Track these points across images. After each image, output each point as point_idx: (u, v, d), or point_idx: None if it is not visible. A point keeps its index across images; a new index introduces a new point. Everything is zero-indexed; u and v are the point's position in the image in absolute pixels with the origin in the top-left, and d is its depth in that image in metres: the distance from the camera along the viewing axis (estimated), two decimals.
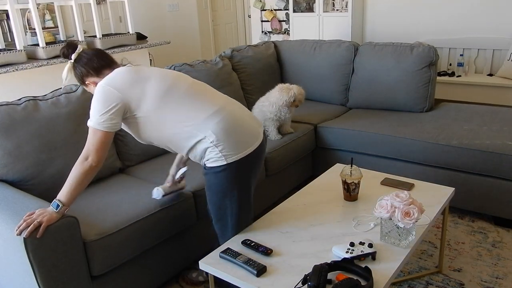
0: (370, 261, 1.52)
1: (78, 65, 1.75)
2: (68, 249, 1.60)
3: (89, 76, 1.75)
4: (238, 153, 1.68)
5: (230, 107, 1.75)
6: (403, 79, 3.10)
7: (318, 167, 3.09)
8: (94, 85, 1.72)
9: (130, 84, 1.66)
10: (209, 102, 1.72)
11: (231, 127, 1.68)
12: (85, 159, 1.62)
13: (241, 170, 1.71)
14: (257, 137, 1.76)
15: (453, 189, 2.02)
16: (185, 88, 1.73)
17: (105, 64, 1.75)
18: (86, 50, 1.78)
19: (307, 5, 4.90)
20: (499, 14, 4.06)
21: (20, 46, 3.40)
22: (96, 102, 1.64)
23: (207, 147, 1.67)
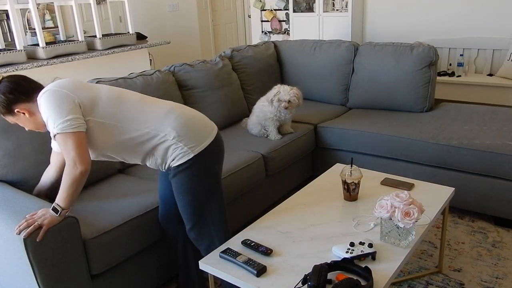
0: (370, 261, 1.52)
1: (1, 94, 1.55)
2: (68, 249, 1.60)
3: (18, 103, 1.57)
4: (201, 143, 1.68)
5: (180, 107, 1.77)
6: (403, 79, 3.10)
7: (318, 167, 3.09)
8: (26, 113, 1.59)
9: (81, 88, 1.61)
10: (161, 104, 1.74)
11: (188, 121, 1.70)
12: (72, 167, 1.53)
13: (208, 159, 1.72)
14: (212, 127, 1.79)
15: (453, 189, 2.01)
16: (137, 95, 1.74)
17: (35, 87, 1.61)
18: (6, 77, 1.59)
19: (307, 5, 4.90)
20: (499, 14, 4.06)
21: (20, 46, 3.40)
22: (51, 107, 1.52)
23: (169, 145, 1.65)
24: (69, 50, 3.70)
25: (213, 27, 6.28)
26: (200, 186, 1.72)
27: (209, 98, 2.88)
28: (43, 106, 1.54)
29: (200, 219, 1.75)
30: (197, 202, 1.73)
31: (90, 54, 3.76)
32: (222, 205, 1.81)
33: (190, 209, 1.74)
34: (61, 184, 1.57)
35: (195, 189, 1.72)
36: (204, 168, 1.71)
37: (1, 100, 1.56)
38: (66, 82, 1.62)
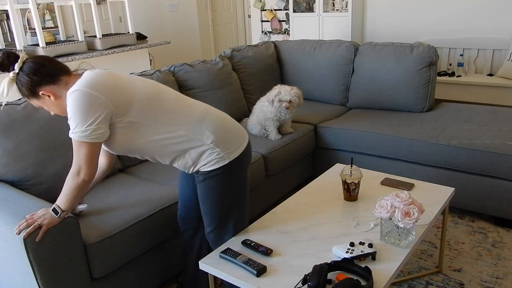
0: (370, 261, 1.52)
1: (25, 76, 1.47)
2: (68, 249, 1.60)
3: (42, 85, 1.49)
4: (236, 149, 1.65)
5: (215, 110, 1.73)
6: (403, 79, 3.10)
7: (318, 167, 3.09)
8: (51, 96, 1.51)
9: (114, 87, 1.49)
10: (198, 105, 1.68)
11: (225, 126, 1.67)
12: (76, 174, 1.50)
13: (240, 166, 1.69)
14: (245, 133, 1.76)
15: (453, 189, 2.01)
16: (173, 94, 1.66)
17: (61, 68, 1.53)
18: (32, 57, 1.51)
19: (307, 5, 4.90)
20: (499, 14, 4.06)
21: (20, 46, 3.40)
22: (77, 110, 1.43)
23: (205, 149, 1.59)
24: (69, 50, 3.70)
25: (213, 27, 6.28)
26: (228, 192, 1.69)
27: (209, 98, 2.88)
28: (70, 106, 1.45)
29: (222, 222, 1.71)
30: (222, 207, 1.69)
31: (90, 54, 3.76)
32: (245, 209, 1.77)
33: (214, 213, 1.70)
34: (63, 186, 1.55)
35: (223, 195, 1.68)
36: (235, 175, 1.67)
37: (24, 82, 1.48)
38: (101, 79, 1.48)
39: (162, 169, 2.36)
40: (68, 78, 1.52)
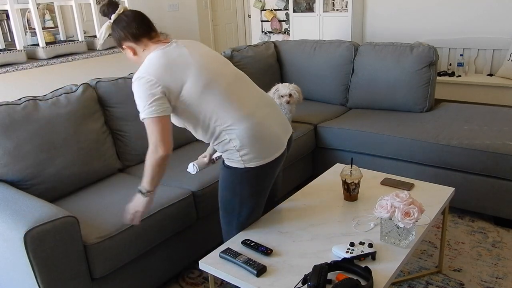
0: (370, 261, 1.52)
1: (116, 27, 1.69)
2: (68, 249, 1.60)
3: (126, 41, 1.70)
4: (258, 161, 1.66)
5: (261, 112, 1.70)
6: (403, 79, 3.10)
7: (318, 167, 3.09)
8: (131, 50, 1.71)
9: (165, 71, 1.60)
10: (241, 105, 1.67)
11: (257, 135, 1.65)
12: (155, 152, 1.59)
13: (256, 176, 1.70)
14: (280, 147, 1.73)
15: (453, 189, 2.01)
16: (222, 87, 1.66)
17: (144, 31, 1.68)
18: (126, 12, 1.70)
19: (307, 5, 4.90)
20: (499, 14, 4.06)
21: (20, 46, 3.40)
22: (138, 96, 1.60)
23: (228, 148, 1.66)
24: (69, 50, 3.69)
25: (213, 27, 6.28)
26: (238, 192, 1.72)
27: None
28: (134, 92, 1.62)
29: (227, 215, 1.79)
30: (229, 201, 1.76)
31: (90, 54, 3.76)
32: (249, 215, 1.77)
33: (222, 203, 1.80)
34: (144, 168, 1.64)
35: (232, 191, 1.74)
36: (248, 181, 1.70)
37: (114, 33, 1.72)
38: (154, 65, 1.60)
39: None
40: (148, 41, 1.69)
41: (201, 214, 2.16)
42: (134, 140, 2.42)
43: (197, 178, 2.18)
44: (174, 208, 2.01)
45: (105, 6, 1.70)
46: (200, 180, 2.18)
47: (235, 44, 6.76)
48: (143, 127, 2.40)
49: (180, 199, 2.04)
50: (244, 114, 1.65)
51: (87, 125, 2.22)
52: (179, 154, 2.56)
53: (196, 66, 1.64)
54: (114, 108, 2.37)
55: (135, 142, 2.42)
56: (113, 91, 2.37)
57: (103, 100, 2.36)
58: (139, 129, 2.43)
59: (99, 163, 2.24)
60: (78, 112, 2.19)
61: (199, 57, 1.67)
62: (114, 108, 2.37)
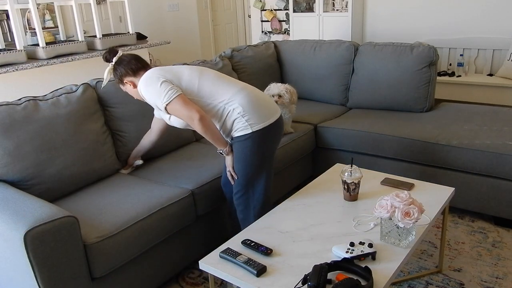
0: (370, 261, 1.52)
1: (118, 67, 2.01)
2: (68, 249, 1.60)
3: (127, 76, 2.01)
4: (261, 122, 1.93)
5: (251, 87, 2.04)
6: (403, 79, 3.10)
7: (318, 167, 3.09)
8: (131, 84, 2.02)
9: (165, 72, 1.94)
10: (234, 83, 2.01)
11: (254, 100, 1.95)
12: (192, 121, 1.87)
13: (264, 138, 1.96)
14: (276, 110, 2.04)
15: (453, 189, 2.02)
16: (213, 73, 2.02)
17: (141, 66, 2.01)
18: (125, 54, 2.05)
19: (307, 5, 4.90)
20: (499, 14, 4.06)
21: (20, 46, 3.40)
22: (151, 90, 1.90)
23: (235, 118, 1.93)
24: (69, 50, 3.70)
25: (213, 27, 6.28)
26: (251, 158, 1.96)
27: None
28: (144, 93, 1.93)
29: (244, 187, 2.00)
30: (246, 171, 1.98)
31: (90, 54, 3.76)
32: (268, 181, 2.03)
33: (240, 176, 2.00)
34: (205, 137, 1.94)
35: (246, 160, 1.96)
36: (258, 144, 1.95)
37: (117, 72, 2.02)
38: (156, 70, 1.96)
39: (162, 169, 2.36)
40: (144, 72, 1.99)
41: (200, 213, 2.16)
42: (133, 140, 2.42)
43: (196, 177, 2.18)
44: (173, 208, 2.01)
45: (107, 53, 2.03)
46: (200, 180, 2.18)
47: (235, 44, 6.77)
48: (142, 127, 2.43)
49: (179, 198, 2.05)
50: (238, 89, 1.97)
51: (87, 125, 2.22)
52: (178, 154, 2.56)
53: (187, 67, 2.02)
54: (114, 108, 2.37)
55: (135, 142, 2.42)
56: (113, 91, 2.37)
57: (103, 100, 2.36)
58: (139, 129, 2.43)
59: (99, 163, 2.24)
60: (78, 112, 2.19)
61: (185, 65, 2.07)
62: (114, 108, 2.37)
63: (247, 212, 2.04)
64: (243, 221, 2.06)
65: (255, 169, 1.98)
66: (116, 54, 2.02)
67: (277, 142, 2.07)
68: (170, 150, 2.62)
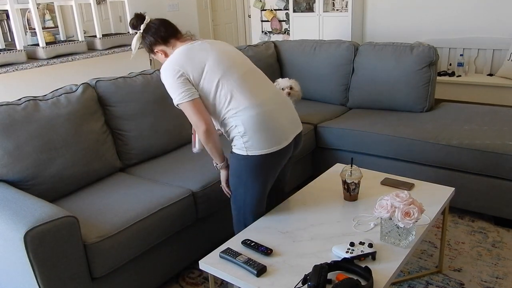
0: (370, 261, 1.52)
1: (147, 35, 1.89)
2: (68, 249, 1.60)
3: (157, 45, 1.89)
4: (260, 149, 1.76)
5: (270, 105, 1.81)
6: (403, 79, 3.10)
7: (318, 167, 3.09)
8: (162, 53, 1.90)
9: (188, 62, 1.78)
10: (253, 94, 1.79)
11: (261, 124, 1.76)
12: (197, 129, 1.79)
13: (258, 165, 1.79)
14: (283, 140, 1.81)
15: (453, 189, 2.02)
16: (236, 77, 1.80)
17: (171, 33, 1.89)
18: (153, 20, 1.92)
19: (307, 5, 4.90)
20: (499, 14, 4.06)
21: (20, 46, 3.40)
22: (168, 84, 1.78)
23: (235, 135, 1.79)
24: (69, 50, 3.69)
25: (213, 27, 6.28)
26: (242, 178, 1.84)
27: None
28: (164, 82, 1.80)
29: (235, 201, 1.91)
30: (236, 186, 1.88)
31: (90, 54, 3.76)
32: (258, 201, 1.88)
33: (232, 191, 1.92)
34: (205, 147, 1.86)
35: (237, 177, 1.86)
36: (250, 168, 1.81)
37: (146, 41, 1.91)
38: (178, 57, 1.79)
39: (162, 169, 2.36)
40: (176, 41, 1.89)
41: (201, 214, 2.16)
42: (134, 139, 2.42)
43: (197, 178, 2.18)
44: (174, 208, 2.01)
45: (134, 19, 1.92)
46: (201, 180, 2.18)
47: (235, 44, 6.76)
48: (143, 126, 2.43)
49: (180, 198, 2.05)
50: (254, 102, 1.77)
51: (87, 125, 2.22)
52: (178, 154, 2.56)
53: (215, 56, 1.81)
54: (114, 107, 2.37)
55: (135, 141, 2.42)
56: (113, 91, 2.37)
57: (103, 99, 2.36)
58: (139, 128, 2.43)
59: (100, 163, 2.24)
60: (78, 112, 2.19)
61: (219, 50, 1.85)
62: (114, 107, 2.37)
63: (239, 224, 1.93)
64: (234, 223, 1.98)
65: (245, 186, 1.85)
66: (144, 20, 1.91)
67: (278, 168, 1.88)
68: (171, 150, 2.62)
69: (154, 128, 2.50)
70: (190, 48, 1.82)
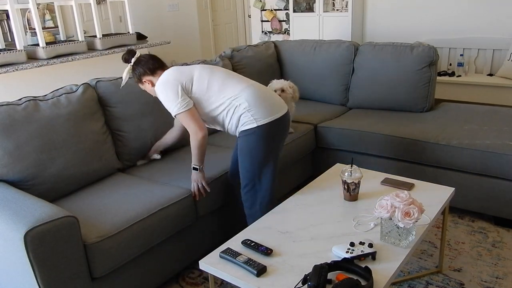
0: (370, 261, 1.52)
1: (137, 67, 2.11)
2: (68, 249, 1.60)
3: (145, 75, 2.11)
4: (267, 117, 1.99)
5: (258, 86, 2.10)
6: (403, 79, 3.10)
7: (318, 167, 3.09)
8: (149, 83, 2.12)
9: (180, 74, 2.05)
10: (242, 80, 2.09)
11: (260, 96, 2.02)
12: (195, 135, 2.00)
13: (269, 133, 2.00)
14: (282, 106, 2.09)
15: (453, 189, 2.02)
16: (221, 73, 2.10)
17: (158, 65, 2.12)
18: (143, 55, 2.15)
19: (307, 5, 4.90)
20: (499, 14, 4.06)
21: (20, 46, 3.40)
22: (165, 96, 2.01)
23: (241, 113, 1.99)
24: (69, 50, 3.70)
25: (213, 27, 6.28)
26: (257, 152, 2.01)
27: None
28: (160, 95, 2.04)
29: (250, 181, 2.05)
30: (251, 166, 2.04)
31: (90, 54, 3.76)
32: (274, 176, 2.07)
33: (244, 170, 2.06)
34: (191, 149, 2.05)
35: (251, 154, 2.02)
36: (263, 138, 2.00)
37: (136, 71, 2.12)
38: (171, 73, 2.06)
39: (162, 169, 2.36)
40: (162, 72, 2.10)
41: (201, 213, 2.16)
42: (133, 140, 2.42)
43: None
44: (174, 208, 2.01)
45: (126, 54, 2.14)
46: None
47: (235, 44, 6.76)
48: (142, 126, 2.43)
49: (180, 198, 2.05)
50: (245, 85, 2.04)
51: (88, 125, 2.22)
52: (179, 154, 2.56)
53: (199, 67, 2.11)
54: (114, 107, 2.37)
55: (135, 141, 2.42)
56: (113, 91, 2.37)
57: (103, 99, 2.36)
58: (139, 129, 2.43)
59: (99, 163, 2.24)
60: (79, 112, 2.19)
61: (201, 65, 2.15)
62: (114, 107, 2.37)
63: (254, 208, 2.08)
64: (250, 217, 2.10)
65: (261, 163, 2.02)
66: (135, 55, 2.12)
67: (283, 138, 2.11)
68: (171, 150, 2.62)
69: (154, 129, 2.50)
70: (177, 67, 2.10)
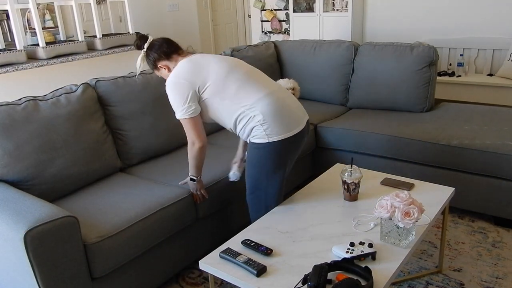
0: (370, 261, 1.52)
1: (151, 52, 2.00)
2: (68, 249, 1.60)
3: (160, 60, 2.00)
4: (281, 134, 1.88)
5: (279, 94, 1.95)
6: (403, 79, 3.10)
7: (318, 167, 3.09)
8: (165, 68, 2.00)
9: (193, 73, 1.91)
10: (262, 86, 1.93)
11: (277, 110, 1.88)
12: (192, 145, 1.95)
13: (280, 150, 1.90)
14: (299, 123, 1.96)
15: (453, 189, 2.02)
16: (241, 73, 1.95)
17: (173, 49, 2.01)
18: (156, 39, 2.04)
19: (307, 5, 4.90)
20: (499, 14, 4.06)
21: (20, 46, 3.40)
22: (173, 97, 1.90)
23: (254, 126, 1.88)
24: (69, 50, 3.70)
25: (213, 27, 6.28)
26: (265, 165, 1.93)
27: None
28: (168, 93, 1.92)
29: (255, 191, 1.99)
30: (257, 177, 1.97)
31: (90, 54, 3.76)
32: (280, 184, 1.98)
33: (250, 180, 2.00)
34: (188, 159, 2.00)
35: (259, 167, 1.94)
36: (273, 155, 1.91)
37: (150, 58, 2.02)
38: (185, 69, 1.92)
39: (162, 169, 2.36)
40: (178, 57, 2.00)
41: (201, 214, 2.16)
42: (134, 139, 2.42)
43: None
44: (174, 208, 2.01)
45: (138, 40, 2.04)
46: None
47: (235, 44, 6.76)
48: (143, 126, 2.43)
49: (179, 198, 2.05)
50: (264, 93, 1.90)
51: (88, 125, 2.22)
52: (178, 154, 2.56)
53: (216, 61, 1.96)
54: (114, 107, 2.37)
55: (135, 140, 2.42)
56: (112, 90, 2.37)
57: (103, 99, 2.36)
58: (139, 128, 2.43)
59: (100, 163, 2.24)
60: (78, 112, 2.19)
61: (218, 57, 2.01)
62: (114, 107, 2.37)
63: (260, 212, 1.99)
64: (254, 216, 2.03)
65: (268, 173, 1.94)
66: (147, 40, 2.02)
67: (296, 154, 2.01)
68: (171, 150, 2.62)
69: (154, 128, 2.50)
70: (192, 59, 1.96)
